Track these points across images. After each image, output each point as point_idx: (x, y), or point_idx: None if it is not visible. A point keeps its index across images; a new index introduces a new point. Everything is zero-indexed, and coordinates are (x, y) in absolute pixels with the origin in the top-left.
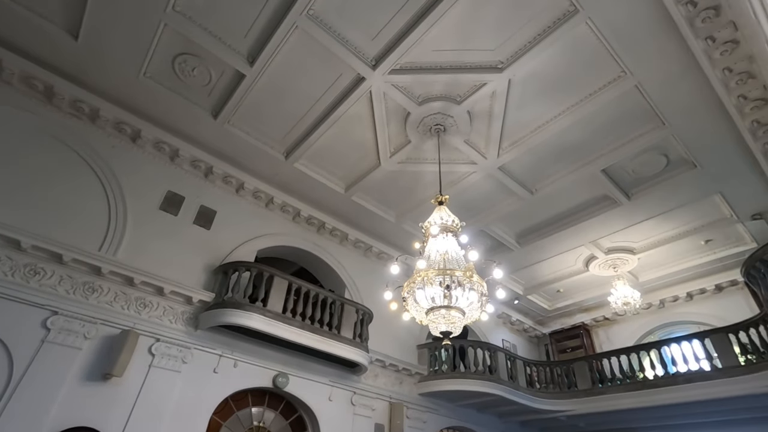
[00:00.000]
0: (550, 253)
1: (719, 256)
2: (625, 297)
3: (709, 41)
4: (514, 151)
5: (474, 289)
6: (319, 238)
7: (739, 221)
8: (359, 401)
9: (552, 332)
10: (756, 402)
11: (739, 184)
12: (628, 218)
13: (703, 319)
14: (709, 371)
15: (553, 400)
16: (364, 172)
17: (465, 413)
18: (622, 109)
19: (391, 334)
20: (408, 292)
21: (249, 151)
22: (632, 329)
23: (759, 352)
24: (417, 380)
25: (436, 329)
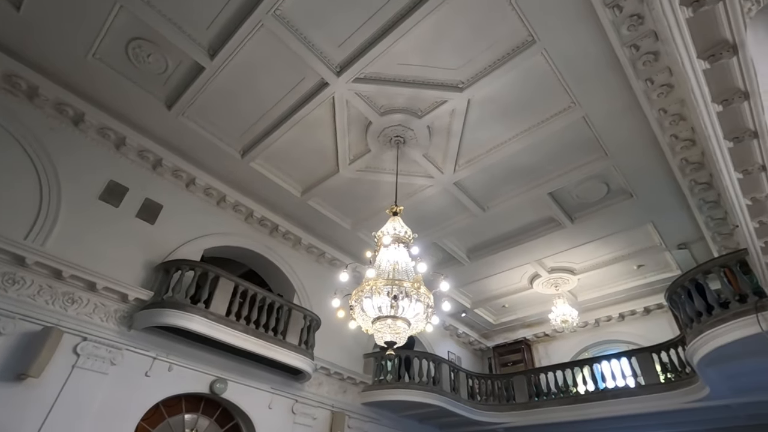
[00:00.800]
0: (498, 269)
1: (649, 281)
2: (564, 315)
3: (648, 83)
4: (469, 168)
5: (421, 300)
6: (272, 241)
7: (667, 249)
8: (300, 410)
9: (496, 346)
10: (674, 417)
11: (668, 216)
12: (571, 240)
13: (632, 339)
14: (633, 388)
15: (492, 412)
16: (321, 177)
17: (407, 424)
18: (570, 138)
19: (338, 342)
20: (356, 301)
21: (203, 146)
22: (569, 346)
23: (677, 371)
24: (361, 389)
25: (381, 339)
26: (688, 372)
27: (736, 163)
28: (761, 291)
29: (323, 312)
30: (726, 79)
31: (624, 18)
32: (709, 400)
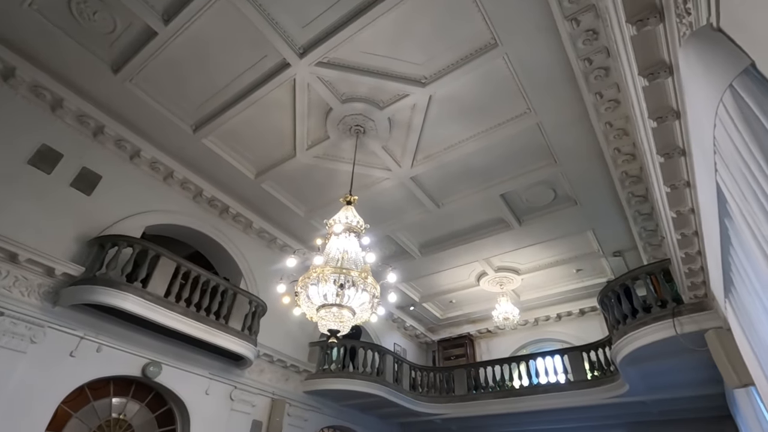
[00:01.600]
0: (448, 265)
1: (585, 285)
2: (506, 313)
3: (598, 96)
4: (426, 164)
5: (367, 290)
6: (221, 223)
7: (603, 256)
8: (239, 396)
9: (441, 340)
10: (597, 411)
11: (607, 225)
12: (518, 242)
13: (566, 338)
14: (563, 384)
15: (432, 403)
16: (277, 161)
17: (348, 413)
18: (524, 143)
19: (283, 330)
20: (301, 287)
21: (151, 117)
22: (509, 342)
23: (603, 369)
24: (304, 378)
25: (325, 326)
26: (612, 370)
27: (665, 177)
28: (679, 298)
29: (270, 298)
30: (661, 98)
31: (581, 32)
32: (627, 396)
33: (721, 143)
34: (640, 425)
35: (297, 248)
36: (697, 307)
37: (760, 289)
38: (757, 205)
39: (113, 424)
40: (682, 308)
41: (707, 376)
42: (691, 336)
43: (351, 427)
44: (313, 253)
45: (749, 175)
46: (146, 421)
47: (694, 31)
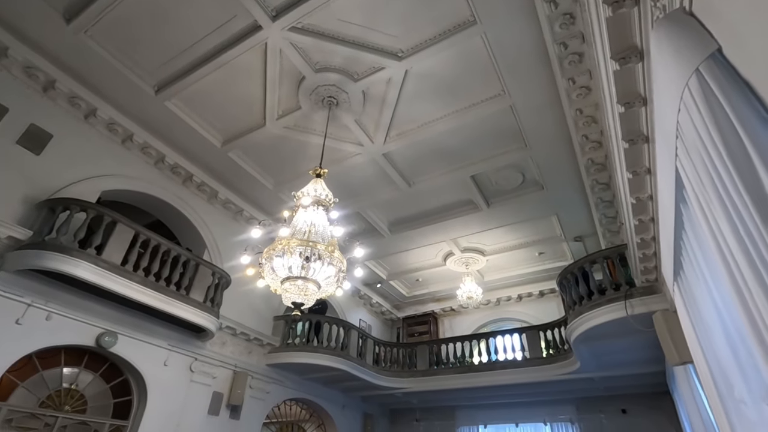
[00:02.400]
0: (416, 244)
1: (546, 268)
2: (470, 292)
3: (570, 82)
4: (399, 141)
5: (333, 264)
6: (184, 191)
7: (565, 241)
8: (199, 368)
9: (405, 317)
10: (552, 387)
11: (570, 210)
12: (485, 223)
13: (525, 318)
14: (520, 360)
15: (394, 378)
16: (245, 130)
17: (310, 387)
18: (496, 125)
19: (248, 303)
20: (266, 259)
21: (109, 74)
22: (471, 321)
23: (557, 347)
24: (268, 351)
25: (289, 299)
26: (566, 349)
27: (628, 163)
28: (632, 281)
29: (235, 271)
30: (630, 83)
31: (558, 15)
32: (578, 373)
33: (684, 128)
34: (588, 400)
35: (263, 219)
36: (648, 290)
37: (707, 273)
38: (713, 190)
39: (64, 395)
40: (634, 291)
41: (651, 356)
42: (640, 317)
43: (313, 399)
44: (279, 224)
45: (708, 160)
46: (100, 392)
47: (666, 14)
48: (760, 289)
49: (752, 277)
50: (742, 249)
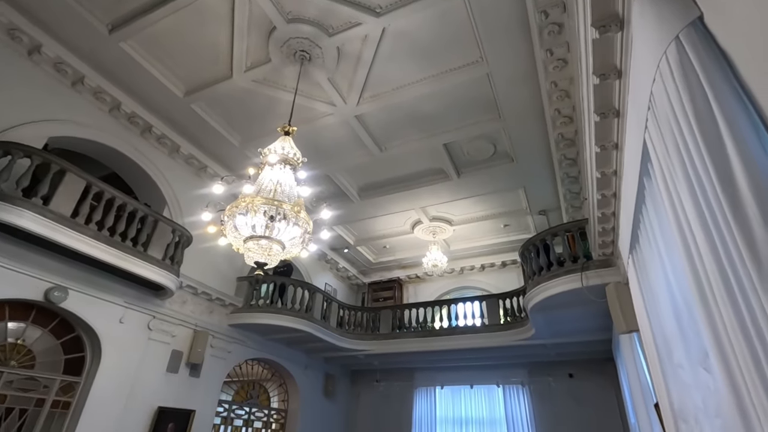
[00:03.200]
0: (385, 211)
1: (510, 239)
2: (435, 260)
3: (548, 53)
4: (373, 103)
5: (299, 225)
6: (143, 143)
7: (530, 214)
8: (158, 326)
9: (371, 282)
10: (507, 352)
11: (537, 184)
12: (454, 193)
13: (486, 287)
14: (479, 327)
15: (357, 340)
16: (211, 81)
17: (273, 347)
18: (472, 93)
19: (210, 263)
20: (228, 216)
21: (55, 8)
22: (435, 288)
23: (515, 315)
24: (230, 311)
25: (251, 259)
26: (523, 317)
27: (597, 137)
28: (590, 255)
29: (196, 228)
30: (608, 54)
31: None
32: (532, 340)
33: (657, 99)
34: (539, 365)
35: (225, 175)
36: (604, 263)
37: (663, 245)
38: (679, 163)
39: (10, 350)
40: (590, 264)
41: (600, 325)
42: (594, 288)
43: (276, 360)
44: (243, 181)
45: (677, 132)
46: (50, 348)
47: None
48: (713, 261)
49: (707, 250)
50: (701, 223)
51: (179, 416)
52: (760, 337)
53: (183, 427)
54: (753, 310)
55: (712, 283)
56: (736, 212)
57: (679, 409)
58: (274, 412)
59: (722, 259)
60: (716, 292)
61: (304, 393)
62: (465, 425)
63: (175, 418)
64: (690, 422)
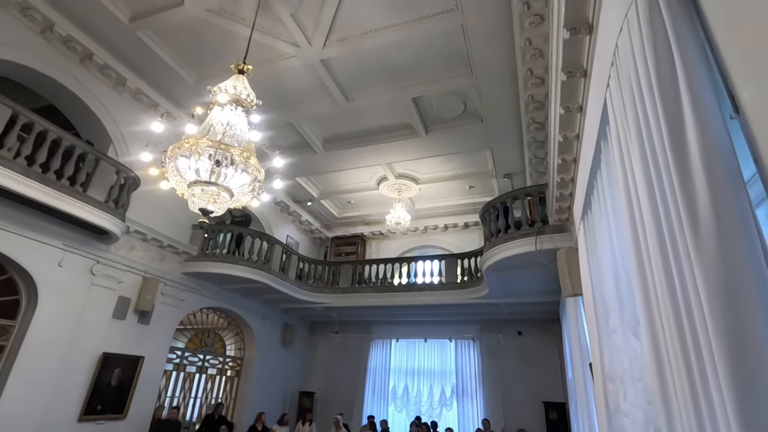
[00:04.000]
0: (350, 164)
1: (474, 201)
2: (398, 218)
3: (525, 6)
4: (340, 48)
5: (248, 172)
6: (83, 73)
7: (495, 177)
8: (102, 271)
9: (335, 237)
10: (461, 309)
11: (504, 147)
12: (422, 151)
13: (448, 246)
14: (436, 284)
15: (316, 293)
16: (159, 6)
17: (229, 297)
18: (444, 45)
19: (162, 208)
20: (170, 158)
21: None
22: (398, 245)
23: (471, 274)
24: (183, 259)
25: (196, 205)
26: (479, 276)
27: (563, 97)
28: (546, 220)
29: (137, 168)
30: (580, 7)
31: None
32: (486, 299)
33: (621, 52)
34: (490, 322)
35: (165, 112)
36: (558, 228)
37: (611, 210)
38: (634, 123)
39: None
40: (545, 228)
41: (550, 288)
42: (546, 252)
43: (232, 309)
44: (187, 120)
45: (635, 85)
46: None
47: None
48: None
49: (649, 215)
50: (647, 185)
51: (126, 362)
52: (687, 308)
53: (130, 373)
54: (684, 280)
55: (650, 250)
56: (684, 176)
57: (609, 370)
58: (230, 360)
59: (662, 225)
60: (653, 259)
61: (261, 342)
62: (417, 376)
63: (122, 364)
64: (616, 383)
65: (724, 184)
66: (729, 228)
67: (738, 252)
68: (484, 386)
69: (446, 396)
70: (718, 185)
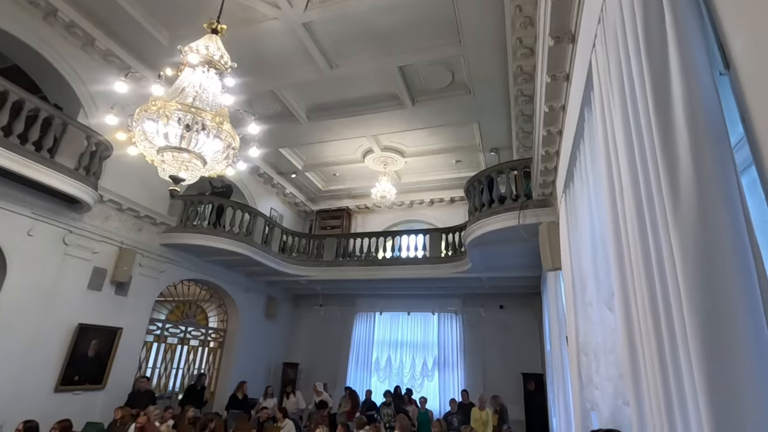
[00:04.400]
0: (335, 136)
1: (460, 176)
2: (383, 191)
3: None
4: (322, 10)
5: (221, 138)
6: (47, 31)
7: (482, 151)
8: (75, 241)
9: (320, 210)
10: (444, 283)
11: (492, 120)
12: (408, 122)
13: (433, 221)
14: (420, 258)
15: (299, 266)
16: None
17: (211, 269)
18: (433, 12)
19: (139, 178)
20: (137, 120)
21: None
22: (383, 219)
23: (455, 249)
24: (162, 230)
25: (166, 172)
26: (463, 251)
27: (550, 65)
28: (530, 194)
29: (104, 132)
30: None
31: None
32: (469, 273)
33: (609, 8)
34: (472, 296)
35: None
36: (542, 203)
37: (592, 181)
38: (618, 84)
39: None
40: (529, 203)
41: (532, 262)
42: (529, 227)
43: (214, 281)
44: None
45: (621, 40)
46: None
47: None
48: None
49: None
50: (628, 150)
51: (104, 333)
52: (661, 277)
53: (108, 344)
54: (660, 250)
55: (628, 219)
56: (666, 137)
57: (583, 343)
58: (212, 332)
59: (641, 190)
60: (630, 229)
61: (244, 314)
62: (400, 348)
63: (99, 335)
64: (590, 355)
65: (709, 147)
66: (710, 194)
67: (718, 219)
68: (466, 358)
69: (428, 367)
70: (701, 148)
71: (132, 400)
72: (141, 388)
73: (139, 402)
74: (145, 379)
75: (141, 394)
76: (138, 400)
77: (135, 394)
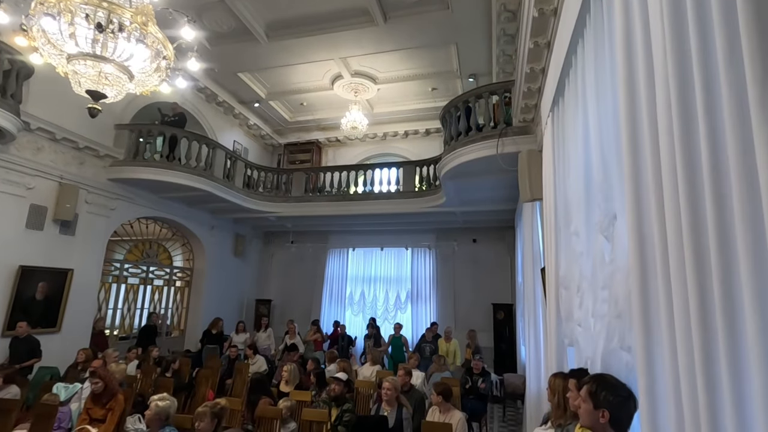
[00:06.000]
0: (300, 58)
1: (437, 105)
2: (354, 121)
3: None
4: None
5: (146, 42)
6: None
7: (459, 77)
8: (3, 176)
9: (288, 143)
10: (418, 218)
11: (471, 41)
12: (380, 43)
13: (408, 155)
14: (393, 193)
15: (267, 202)
16: None
17: (170, 206)
18: None
19: (77, 104)
20: (34, 17)
21: None
22: (356, 153)
23: (429, 182)
24: (108, 164)
25: (82, 86)
26: (437, 185)
27: None
28: (510, 121)
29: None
30: None
31: None
32: (443, 207)
33: None
34: (446, 230)
35: None
36: (522, 130)
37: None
38: None
39: None
40: (509, 130)
41: (508, 195)
42: (508, 156)
43: (175, 219)
44: None
45: None
46: None
47: None
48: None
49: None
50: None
51: (52, 275)
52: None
53: (59, 286)
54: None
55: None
56: None
57: (563, 276)
58: (178, 270)
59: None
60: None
61: (211, 252)
62: (374, 282)
63: (46, 277)
64: (571, 289)
65: None
66: None
67: None
68: (438, 291)
69: (401, 300)
70: None
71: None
72: (97, 327)
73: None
74: (99, 320)
75: (97, 335)
76: (97, 342)
77: (98, 335)
